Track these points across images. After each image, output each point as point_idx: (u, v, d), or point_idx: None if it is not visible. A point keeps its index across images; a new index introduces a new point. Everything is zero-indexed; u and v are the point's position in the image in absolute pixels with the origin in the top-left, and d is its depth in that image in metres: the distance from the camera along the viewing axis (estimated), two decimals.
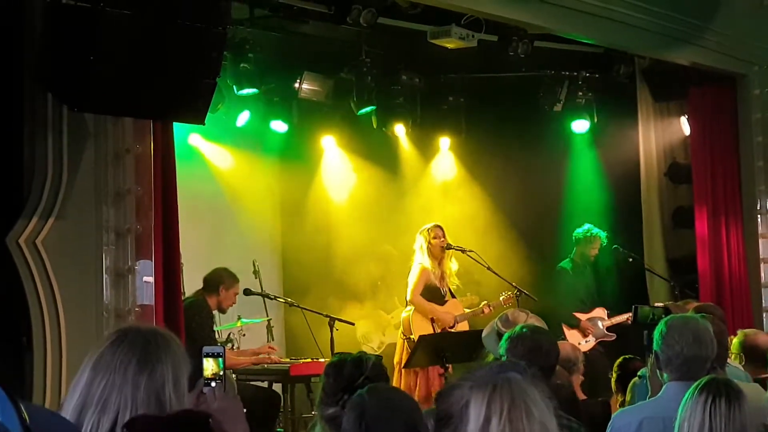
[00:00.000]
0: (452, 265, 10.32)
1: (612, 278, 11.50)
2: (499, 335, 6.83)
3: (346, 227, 12.00)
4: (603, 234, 11.13)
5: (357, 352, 4.19)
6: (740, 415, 3.74)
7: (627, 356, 7.31)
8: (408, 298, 10.20)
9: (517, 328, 5.23)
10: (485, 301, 10.40)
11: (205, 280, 9.30)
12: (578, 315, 10.93)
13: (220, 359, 3.52)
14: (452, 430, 2.51)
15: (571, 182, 12.06)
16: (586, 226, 11.19)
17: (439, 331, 9.95)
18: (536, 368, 3.61)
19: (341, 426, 3.98)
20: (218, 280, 9.23)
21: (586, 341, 10.78)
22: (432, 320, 10.03)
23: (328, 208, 12.23)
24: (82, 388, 3.02)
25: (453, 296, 10.36)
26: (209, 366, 3.51)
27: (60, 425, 2.91)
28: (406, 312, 10.24)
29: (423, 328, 9.90)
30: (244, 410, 9.00)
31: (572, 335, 10.79)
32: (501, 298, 10.30)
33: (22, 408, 2.11)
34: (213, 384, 3.49)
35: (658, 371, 4.67)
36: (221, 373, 3.51)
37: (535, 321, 6.09)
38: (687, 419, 3.17)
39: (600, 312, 11.03)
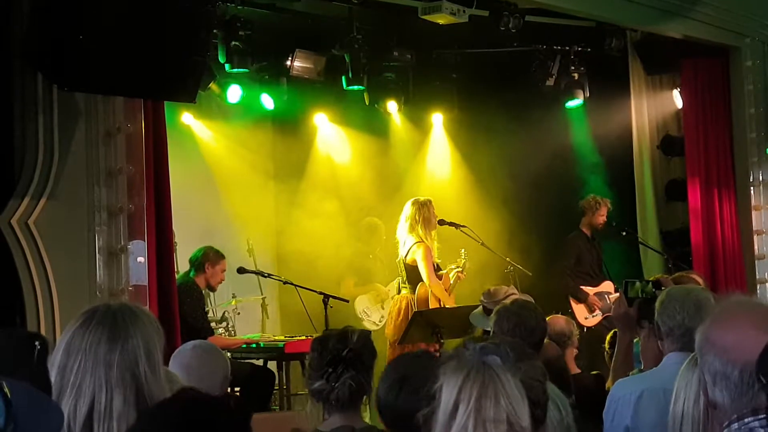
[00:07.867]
0: None
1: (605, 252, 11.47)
2: (486, 309, 6.86)
3: (340, 204, 11.97)
4: (609, 200, 11.11)
5: (342, 327, 4.20)
6: None
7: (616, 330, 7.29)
8: (428, 284, 9.95)
9: (507, 303, 5.27)
10: (455, 269, 10.29)
11: (191, 260, 9.42)
12: (586, 289, 10.86)
13: None
14: (432, 409, 2.50)
15: (564, 156, 12.03)
16: (590, 195, 11.15)
17: None
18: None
19: (327, 399, 4.01)
20: (203, 258, 9.36)
21: (593, 315, 10.74)
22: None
23: (321, 185, 12.19)
24: (57, 373, 3.02)
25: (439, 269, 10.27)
26: None
27: (44, 403, 2.91)
28: (422, 290, 10.01)
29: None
30: (237, 390, 9.02)
31: (579, 309, 10.73)
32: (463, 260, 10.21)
33: (4, 383, 2.10)
34: None
35: (659, 342, 4.63)
36: None
37: (517, 293, 6.10)
38: (683, 389, 3.15)
39: (608, 286, 10.94)
